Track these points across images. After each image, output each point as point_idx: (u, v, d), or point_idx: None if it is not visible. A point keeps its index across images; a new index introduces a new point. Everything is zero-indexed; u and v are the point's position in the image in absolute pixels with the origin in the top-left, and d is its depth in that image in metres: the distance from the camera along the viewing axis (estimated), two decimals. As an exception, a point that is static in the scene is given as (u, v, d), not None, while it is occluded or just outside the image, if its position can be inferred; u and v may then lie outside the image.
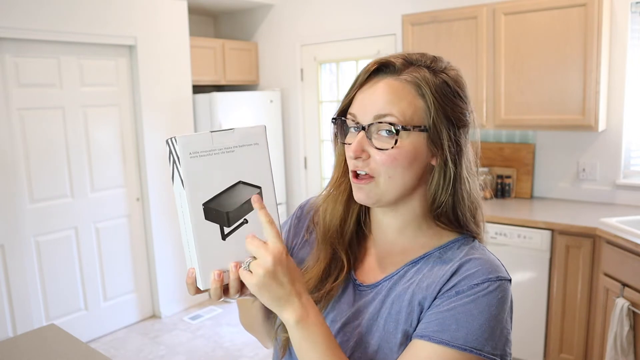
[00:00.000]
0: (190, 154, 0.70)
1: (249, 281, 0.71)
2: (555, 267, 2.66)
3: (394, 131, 0.75)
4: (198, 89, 4.17)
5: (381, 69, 0.79)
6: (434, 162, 0.79)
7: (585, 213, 2.82)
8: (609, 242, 2.42)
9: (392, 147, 0.75)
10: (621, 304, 2.27)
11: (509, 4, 2.93)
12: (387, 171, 0.77)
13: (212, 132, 0.72)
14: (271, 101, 4.27)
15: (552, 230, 2.66)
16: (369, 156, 0.77)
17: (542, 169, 3.27)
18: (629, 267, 2.28)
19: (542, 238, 2.69)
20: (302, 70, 4.28)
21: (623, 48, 2.88)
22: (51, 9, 3.07)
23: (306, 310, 0.73)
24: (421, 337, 0.74)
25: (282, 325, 0.84)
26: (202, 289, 0.74)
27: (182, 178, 0.70)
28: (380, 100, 0.76)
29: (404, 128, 0.75)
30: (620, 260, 2.34)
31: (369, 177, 0.78)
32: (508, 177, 3.30)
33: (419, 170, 0.79)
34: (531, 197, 3.29)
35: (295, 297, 0.73)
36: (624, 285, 2.30)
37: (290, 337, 0.75)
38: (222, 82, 4.22)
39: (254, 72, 4.49)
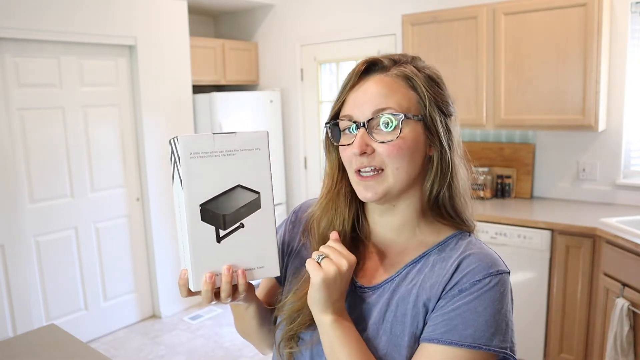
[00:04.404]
0: (191, 154, 0.70)
1: (317, 273, 0.75)
2: (555, 267, 2.66)
3: (396, 122, 0.77)
4: (198, 89, 4.17)
5: (370, 68, 0.81)
6: (431, 153, 0.82)
7: (585, 213, 2.82)
8: (609, 242, 2.42)
9: (397, 137, 0.77)
10: (621, 304, 2.27)
11: (509, 4, 2.93)
12: (393, 162, 0.78)
13: (214, 134, 0.72)
14: (271, 101, 4.27)
15: (552, 230, 2.66)
16: (373, 151, 0.78)
17: (542, 169, 3.27)
18: (629, 267, 2.28)
19: (542, 238, 2.69)
20: (302, 70, 4.28)
21: (623, 48, 2.88)
22: (51, 9, 3.07)
23: (342, 311, 0.79)
24: (430, 340, 0.74)
25: (285, 340, 0.85)
26: (193, 290, 0.74)
27: (181, 177, 0.71)
28: (376, 96, 0.78)
29: (406, 116, 0.77)
30: (620, 260, 2.34)
31: (377, 171, 0.79)
32: (508, 177, 3.30)
33: (420, 161, 0.81)
34: (531, 197, 3.29)
35: (338, 300, 0.78)
36: (624, 285, 2.30)
37: (323, 337, 0.78)
38: (222, 82, 4.22)
39: (254, 72, 4.48)
